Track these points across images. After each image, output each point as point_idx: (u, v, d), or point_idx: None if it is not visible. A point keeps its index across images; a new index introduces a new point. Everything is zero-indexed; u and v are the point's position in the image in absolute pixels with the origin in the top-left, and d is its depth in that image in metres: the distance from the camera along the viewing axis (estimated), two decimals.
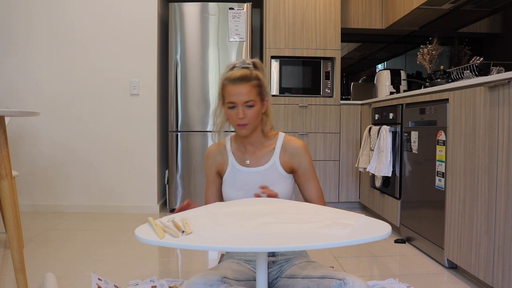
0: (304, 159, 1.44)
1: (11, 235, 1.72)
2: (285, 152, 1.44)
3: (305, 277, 1.21)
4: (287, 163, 1.44)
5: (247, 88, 1.36)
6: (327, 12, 3.69)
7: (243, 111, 1.36)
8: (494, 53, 2.90)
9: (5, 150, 1.75)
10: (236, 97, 1.36)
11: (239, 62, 1.43)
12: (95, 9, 3.58)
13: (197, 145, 3.63)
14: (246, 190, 1.40)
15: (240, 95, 1.35)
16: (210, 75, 3.63)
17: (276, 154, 1.44)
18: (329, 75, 3.73)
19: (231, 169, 1.47)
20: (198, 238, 0.89)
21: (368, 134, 3.18)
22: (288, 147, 1.45)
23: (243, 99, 1.35)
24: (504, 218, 1.67)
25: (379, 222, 0.99)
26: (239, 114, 1.36)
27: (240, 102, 1.36)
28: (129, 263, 2.33)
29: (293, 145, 1.45)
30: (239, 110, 1.36)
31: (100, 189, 3.62)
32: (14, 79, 3.57)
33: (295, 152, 1.44)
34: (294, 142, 1.46)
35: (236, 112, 1.36)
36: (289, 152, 1.44)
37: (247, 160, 1.46)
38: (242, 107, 1.36)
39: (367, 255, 2.50)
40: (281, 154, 1.44)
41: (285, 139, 1.47)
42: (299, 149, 1.45)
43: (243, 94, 1.35)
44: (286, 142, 1.46)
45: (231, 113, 1.38)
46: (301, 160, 1.44)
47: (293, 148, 1.44)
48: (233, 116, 1.38)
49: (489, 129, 1.78)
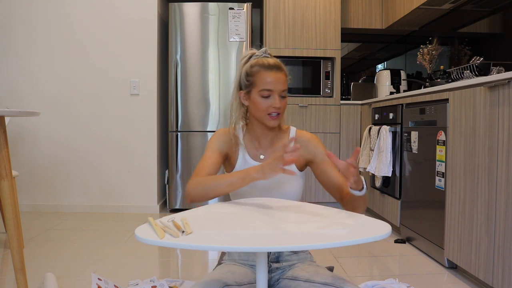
0: (318, 148, 1.37)
1: (11, 235, 1.72)
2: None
3: (307, 281, 1.20)
4: (301, 157, 1.37)
5: (283, 77, 1.31)
6: (327, 12, 3.69)
7: (280, 100, 1.29)
8: (494, 53, 2.90)
9: (5, 150, 1.75)
10: (273, 84, 1.28)
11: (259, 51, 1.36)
12: (95, 9, 3.58)
13: (197, 145, 3.63)
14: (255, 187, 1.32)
15: (279, 83, 1.29)
16: (210, 75, 3.63)
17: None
18: (329, 75, 3.73)
19: (243, 161, 1.37)
20: (198, 238, 0.89)
21: (368, 134, 3.18)
22: (301, 140, 1.36)
23: (281, 88, 1.29)
24: (504, 218, 1.67)
25: (379, 222, 0.99)
26: (275, 103, 1.28)
27: (278, 90, 1.29)
28: (129, 263, 2.33)
29: (305, 137, 1.38)
30: (275, 98, 1.29)
31: (100, 189, 3.62)
32: (14, 79, 3.57)
33: (308, 144, 1.37)
34: (306, 135, 1.40)
35: (272, 100, 1.29)
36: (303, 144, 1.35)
37: (262, 155, 1.37)
38: (278, 96, 1.29)
39: (367, 255, 2.50)
40: None
41: (297, 133, 1.40)
42: (312, 140, 1.38)
43: (280, 82, 1.29)
44: (298, 136, 1.39)
45: (263, 102, 1.29)
46: (315, 150, 1.37)
47: (305, 140, 1.37)
48: (264, 105, 1.29)
49: (489, 129, 1.78)
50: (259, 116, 1.33)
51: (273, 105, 1.29)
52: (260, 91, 1.29)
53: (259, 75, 1.30)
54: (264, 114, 1.30)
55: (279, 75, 1.29)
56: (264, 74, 1.29)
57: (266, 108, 1.29)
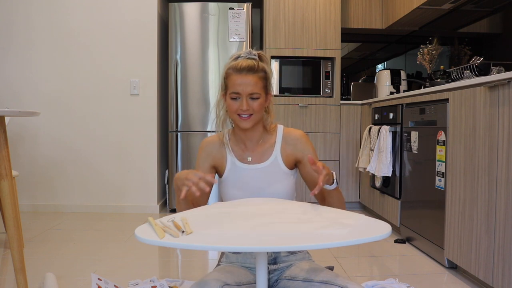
0: (307, 147, 1.38)
1: (11, 235, 1.72)
2: (286, 144, 1.39)
3: (306, 280, 1.20)
4: (290, 156, 1.38)
5: (254, 79, 1.31)
6: (327, 12, 3.69)
7: (247, 103, 1.30)
8: (494, 53, 2.90)
9: (5, 150, 1.75)
10: (241, 87, 1.30)
11: (244, 52, 1.37)
12: (95, 9, 3.58)
13: (197, 145, 3.63)
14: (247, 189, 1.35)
15: (246, 85, 1.30)
16: (210, 75, 3.63)
17: (276, 148, 1.38)
18: (329, 75, 3.73)
19: (231, 166, 1.39)
20: (198, 238, 0.89)
21: (368, 134, 3.18)
22: (289, 139, 1.39)
23: (249, 90, 1.30)
24: (504, 218, 1.67)
25: (379, 222, 0.99)
26: (242, 105, 1.30)
27: (245, 93, 1.30)
28: (129, 263, 2.33)
29: (293, 135, 1.39)
30: (243, 101, 1.30)
31: (100, 189, 3.62)
32: (14, 79, 3.57)
33: (297, 142, 1.38)
34: (294, 132, 1.41)
35: (240, 103, 1.31)
36: (291, 143, 1.38)
37: (249, 157, 1.38)
38: (246, 99, 1.30)
39: (367, 255, 2.50)
40: (282, 147, 1.38)
41: (284, 131, 1.41)
42: (300, 138, 1.39)
43: (249, 85, 1.30)
44: (285, 134, 1.40)
45: (232, 104, 1.32)
46: (304, 148, 1.38)
47: (293, 139, 1.39)
48: (234, 107, 1.32)
49: (489, 129, 1.78)
50: (232, 118, 1.36)
51: (240, 107, 1.31)
52: (230, 93, 1.32)
53: (230, 78, 1.33)
54: (235, 116, 1.33)
55: (248, 78, 1.30)
56: (234, 77, 1.32)
57: (236, 110, 1.32)
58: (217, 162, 1.41)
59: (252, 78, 1.31)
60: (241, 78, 1.31)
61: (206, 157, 1.41)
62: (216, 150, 1.41)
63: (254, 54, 1.36)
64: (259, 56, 1.37)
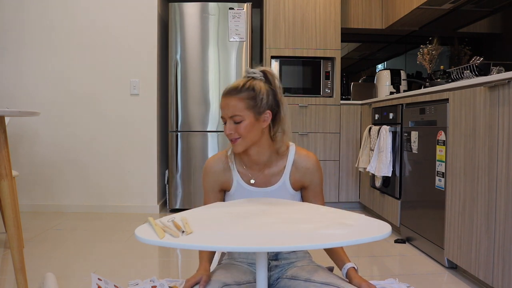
0: (316, 177, 1.34)
1: (11, 235, 1.72)
2: (296, 170, 1.32)
3: (307, 280, 1.20)
4: (298, 182, 1.33)
5: (232, 101, 1.23)
6: (327, 12, 3.69)
7: (229, 127, 1.24)
8: (494, 53, 2.90)
9: (5, 150, 1.75)
10: (223, 110, 1.25)
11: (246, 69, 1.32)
12: (95, 9, 3.58)
13: (197, 145, 3.63)
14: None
15: (225, 108, 1.24)
16: (210, 75, 3.63)
17: (286, 173, 1.32)
18: (329, 75, 3.73)
19: (237, 187, 1.34)
20: (198, 238, 0.89)
21: (368, 134, 3.18)
22: (300, 166, 1.32)
23: (228, 113, 1.24)
24: (504, 218, 1.67)
25: (379, 222, 0.99)
26: (225, 129, 1.25)
27: (227, 116, 1.24)
28: (129, 263, 2.33)
29: (304, 165, 1.33)
30: (226, 124, 1.25)
31: (100, 189, 3.62)
32: (13, 79, 3.57)
33: (308, 172, 1.32)
34: (307, 161, 1.33)
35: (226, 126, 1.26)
36: (301, 171, 1.32)
37: (252, 179, 1.33)
38: (229, 122, 1.25)
39: (367, 255, 2.50)
40: (292, 172, 1.32)
41: (296, 156, 1.33)
42: (312, 168, 1.33)
43: (229, 108, 1.23)
44: (297, 159, 1.33)
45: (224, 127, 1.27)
46: (313, 179, 1.33)
47: (305, 168, 1.32)
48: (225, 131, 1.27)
49: (489, 129, 1.78)
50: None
51: (224, 132, 1.27)
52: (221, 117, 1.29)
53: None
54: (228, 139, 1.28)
55: (228, 100, 1.24)
56: (221, 100, 1.27)
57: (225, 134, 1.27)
58: (223, 184, 1.36)
59: (231, 100, 1.23)
60: (223, 101, 1.26)
61: (213, 183, 1.36)
62: (220, 172, 1.36)
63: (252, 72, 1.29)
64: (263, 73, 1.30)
